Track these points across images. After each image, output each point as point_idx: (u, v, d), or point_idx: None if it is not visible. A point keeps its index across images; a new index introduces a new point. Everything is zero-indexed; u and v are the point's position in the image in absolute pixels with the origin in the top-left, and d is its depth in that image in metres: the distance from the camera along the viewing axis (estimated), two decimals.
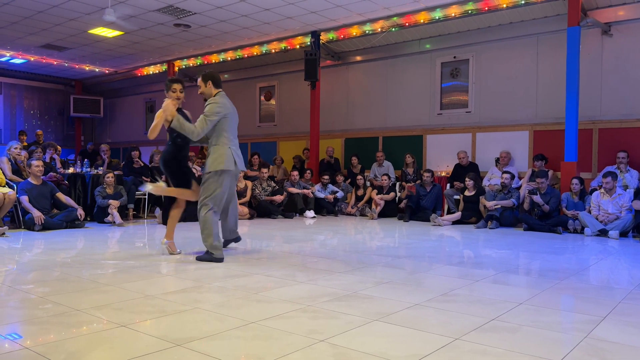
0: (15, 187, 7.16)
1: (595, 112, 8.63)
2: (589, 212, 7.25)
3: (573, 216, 7.38)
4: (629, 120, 8.36)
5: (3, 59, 13.57)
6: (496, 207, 7.99)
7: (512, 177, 8.29)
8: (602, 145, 8.60)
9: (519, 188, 8.43)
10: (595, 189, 7.61)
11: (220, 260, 4.68)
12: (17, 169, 7.92)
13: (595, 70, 8.63)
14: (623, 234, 6.90)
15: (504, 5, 8.77)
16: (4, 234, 6.31)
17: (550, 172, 8.28)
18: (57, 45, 12.16)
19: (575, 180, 7.58)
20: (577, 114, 7.92)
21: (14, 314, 3.03)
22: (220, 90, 4.92)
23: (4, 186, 7.12)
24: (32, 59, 13.54)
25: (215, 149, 4.78)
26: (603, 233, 6.94)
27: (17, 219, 7.27)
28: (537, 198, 7.57)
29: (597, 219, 7.09)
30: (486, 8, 8.91)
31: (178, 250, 5.07)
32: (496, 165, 9.27)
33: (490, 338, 2.55)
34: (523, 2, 8.56)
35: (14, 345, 2.41)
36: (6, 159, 7.84)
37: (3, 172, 7.40)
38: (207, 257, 4.71)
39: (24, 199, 6.92)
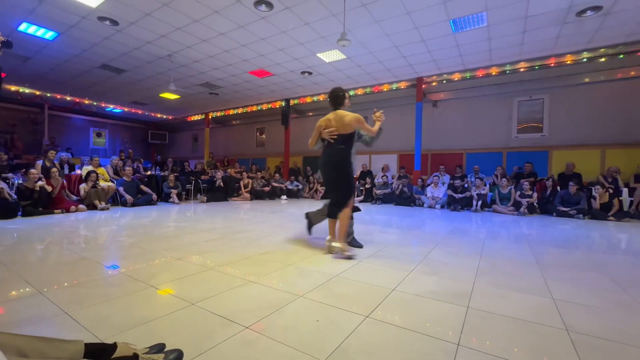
0: (115, 183, 6.79)
1: (430, 145, 8.98)
2: (426, 195, 7.62)
3: (418, 198, 7.72)
4: (446, 149, 8.80)
5: (109, 109, 12.68)
6: (381, 192, 8.25)
7: (385, 177, 8.43)
8: (433, 162, 8.97)
9: (392, 183, 8.68)
10: (429, 184, 7.97)
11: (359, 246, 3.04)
12: (116, 172, 7.50)
13: (429, 124, 8.96)
14: (442, 207, 7.28)
15: (385, 89, 8.73)
16: (108, 208, 5.99)
17: (408, 175, 8.60)
18: (140, 102, 11.49)
19: (419, 180, 7.90)
20: (420, 146, 8.14)
21: (114, 254, 2.95)
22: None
23: (109, 181, 6.73)
24: (125, 109, 12.72)
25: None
26: (433, 206, 7.31)
27: (118, 200, 6.88)
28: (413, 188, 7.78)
29: (430, 199, 7.46)
30: (376, 90, 8.78)
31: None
32: (382, 171, 9.51)
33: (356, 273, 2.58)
34: (395, 87, 8.77)
35: (114, 271, 2.36)
36: (109, 166, 7.41)
37: (107, 173, 7.00)
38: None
39: (121, 189, 6.59)
